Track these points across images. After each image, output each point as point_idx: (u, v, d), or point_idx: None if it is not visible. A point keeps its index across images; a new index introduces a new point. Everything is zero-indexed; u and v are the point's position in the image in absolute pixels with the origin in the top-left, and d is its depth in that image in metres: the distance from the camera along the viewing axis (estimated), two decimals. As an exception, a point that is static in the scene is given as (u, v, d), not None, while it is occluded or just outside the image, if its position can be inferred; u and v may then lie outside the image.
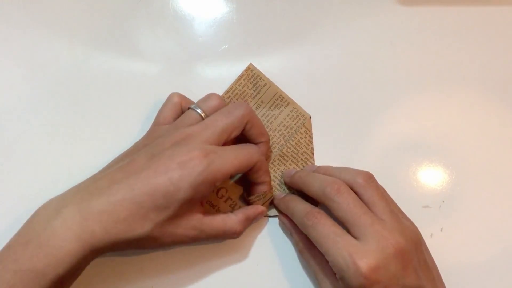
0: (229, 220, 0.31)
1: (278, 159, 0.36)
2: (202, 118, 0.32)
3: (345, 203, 0.29)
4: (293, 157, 0.37)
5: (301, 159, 0.37)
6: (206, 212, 0.31)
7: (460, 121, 0.39)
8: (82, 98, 0.36)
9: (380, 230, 0.28)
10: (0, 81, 0.36)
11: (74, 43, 0.37)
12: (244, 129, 0.32)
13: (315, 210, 0.30)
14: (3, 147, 0.34)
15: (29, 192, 0.34)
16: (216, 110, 0.32)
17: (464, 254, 0.36)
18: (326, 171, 0.33)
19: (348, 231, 0.29)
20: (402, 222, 0.30)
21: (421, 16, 0.40)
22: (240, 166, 0.30)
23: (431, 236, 0.36)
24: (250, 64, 0.38)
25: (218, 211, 0.35)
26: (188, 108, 0.33)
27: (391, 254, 0.27)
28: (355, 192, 0.31)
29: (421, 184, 0.37)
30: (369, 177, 0.31)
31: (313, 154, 0.37)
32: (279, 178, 0.36)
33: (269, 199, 0.34)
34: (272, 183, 0.36)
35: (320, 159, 0.37)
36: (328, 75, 0.38)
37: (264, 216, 0.35)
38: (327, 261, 0.29)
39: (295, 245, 0.34)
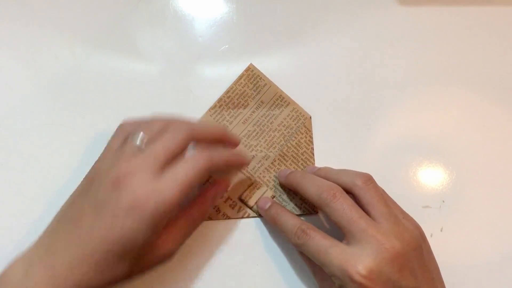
0: (195, 211, 0.31)
1: (278, 159, 0.36)
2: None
3: (341, 209, 0.29)
4: (293, 157, 0.36)
5: (301, 159, 0.37)
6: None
7: (460, 121, 0.39)
8: (82, 98, 0.36)
9: (374, 234, 0.28)
10: (0, 81, 0.36)
11: (74, 43, 0.37)
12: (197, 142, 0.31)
13: (304, 226, 0.30)
14: (3, 147, 0.35)
15: (29, 192, 0.34)
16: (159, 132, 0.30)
17: (464, 254, 0.36)
18: (326, 174, 0.33)
19: (344, 236, 0.29)
20: (401, 224, 0.30)
21: (421, 16, 0.40)
22: (190, 185, 0.28)
23: (431, 236, 0.36)
24: (250, 64, 0.38)
25: (218, 211, 0.35)
26: (129, 134, 0.30)
27: (386, 258, 0.27)
28: (354, 195, 0.31)
29: (421, 184, 0.37)
30: (368, 179, 0.31)
31: (313, 154, 0.37)
32: (279, 178, 0.36)
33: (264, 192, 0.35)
34: (272, 183, 0.36)
35: (320, 159, 0.37)
36: (328, 75, 0.38)
37: (259, 216, 0.35)
38: None
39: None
